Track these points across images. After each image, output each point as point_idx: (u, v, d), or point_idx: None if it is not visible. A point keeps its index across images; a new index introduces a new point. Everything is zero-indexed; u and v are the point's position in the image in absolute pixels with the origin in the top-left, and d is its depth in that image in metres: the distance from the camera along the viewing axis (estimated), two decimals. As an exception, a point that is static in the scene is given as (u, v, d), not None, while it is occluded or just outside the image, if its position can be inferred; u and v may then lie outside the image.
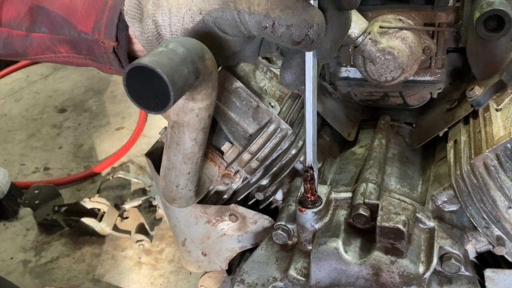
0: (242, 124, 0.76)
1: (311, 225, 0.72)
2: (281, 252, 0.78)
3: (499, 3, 0.70)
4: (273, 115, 0.75)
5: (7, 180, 1.95)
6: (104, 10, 0.63)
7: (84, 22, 0.64)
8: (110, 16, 0.63)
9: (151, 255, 1.84)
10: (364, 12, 0.80)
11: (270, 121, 0.76)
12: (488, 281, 0.70)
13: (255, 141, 0.76)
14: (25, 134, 2.54)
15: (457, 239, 0.70)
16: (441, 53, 0.83)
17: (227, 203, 0.84)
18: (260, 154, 0.76)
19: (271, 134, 0.76)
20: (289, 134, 0.77)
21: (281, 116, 0.77)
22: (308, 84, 0.62)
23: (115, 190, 2.12)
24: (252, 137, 0.76)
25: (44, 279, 1.78)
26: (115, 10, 0.63)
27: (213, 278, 0.98)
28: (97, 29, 0.64)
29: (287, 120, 0.77)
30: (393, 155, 0.86)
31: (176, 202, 0.71)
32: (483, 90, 0.74)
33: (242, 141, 0.77)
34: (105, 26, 0.64)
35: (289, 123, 0.77)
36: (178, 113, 0.61)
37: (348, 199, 0.75)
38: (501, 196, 0.67)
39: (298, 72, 0.63)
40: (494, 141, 0.66)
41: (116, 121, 2.60)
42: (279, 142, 0.76)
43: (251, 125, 0.76)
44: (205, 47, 0.57)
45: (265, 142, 0.76)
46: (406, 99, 0.93)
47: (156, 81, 0.48)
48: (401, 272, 0.67)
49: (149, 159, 0.80)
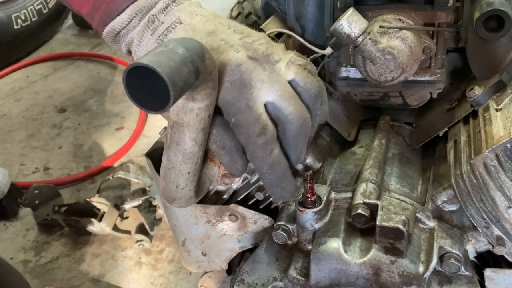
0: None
1: (311, 225, 0.72)
2: (281, 252, 0.78)
3: (499, 3, 0.70)
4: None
5: (7, 180, 1.95)
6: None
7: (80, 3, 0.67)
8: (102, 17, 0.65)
9: (151, 255, 1.84)
10: (364, 12, 0.80)
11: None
12: (488, 281, 0.70)
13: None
14: (25, 134, 2.54)
15: (457, 239, 0.70)
16: (441, 53, 0.83)
17: (227, 203, 0.84)
18: (260, 154, 0.76)
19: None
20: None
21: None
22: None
23: (115, 190, 2.12)
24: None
25: (44, 279, 1.78)
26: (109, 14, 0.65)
27: (213, 278, 0.98)
28: (90, 18, 0.66)
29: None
30: (393, 155, 0.86)
31: (176, 202, 0.71)
32: (483, 90, 0.74)
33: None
34: (98, 21, 0.66)
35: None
36: (178, 113, 0.61)
37: (348, 199, 0.75)
38: (501, 196, 0.67)
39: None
40: (494, 141, 0.66)
41: (116, 121, 2.60)
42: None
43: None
44: (205, 47, 0.57)
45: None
46: (406, 99, 0.93)
47: (156, 81, 0.48)
48: (401, 272, 0.67)
49: (149, 159, 0.80)
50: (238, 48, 0.64)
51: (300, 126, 0.67)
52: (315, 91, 0.69)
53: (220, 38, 0.65)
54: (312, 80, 0.69)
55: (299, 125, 0.66)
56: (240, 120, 0.64)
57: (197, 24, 0.66)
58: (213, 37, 0.65)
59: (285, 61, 0.67)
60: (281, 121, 0.66)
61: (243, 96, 0.63)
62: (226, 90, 0.63)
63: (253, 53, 0.64)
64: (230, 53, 0.63)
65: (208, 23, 0.66)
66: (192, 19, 0.66)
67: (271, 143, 0.65)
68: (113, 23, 0.66)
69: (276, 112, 0.65)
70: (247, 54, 0.64)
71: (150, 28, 0.66)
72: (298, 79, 0.67)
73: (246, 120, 0.63)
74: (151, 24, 0.66)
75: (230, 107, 0.64)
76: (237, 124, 0.64)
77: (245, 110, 0.63)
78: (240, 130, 0.65)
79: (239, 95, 0.63)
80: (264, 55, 0.65)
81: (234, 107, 0.63)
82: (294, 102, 0.66)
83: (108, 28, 0.66)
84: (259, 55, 0.65)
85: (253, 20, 1.32)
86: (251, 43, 0.66)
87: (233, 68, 0.63)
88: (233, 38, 0.65)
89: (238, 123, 0.64)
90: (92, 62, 3.14)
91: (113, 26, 0.66)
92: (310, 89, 0.68)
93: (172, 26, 0.66)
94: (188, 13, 0.67)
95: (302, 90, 0.68)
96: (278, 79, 0.65)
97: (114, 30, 0.67)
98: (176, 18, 0.66)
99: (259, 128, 0.64)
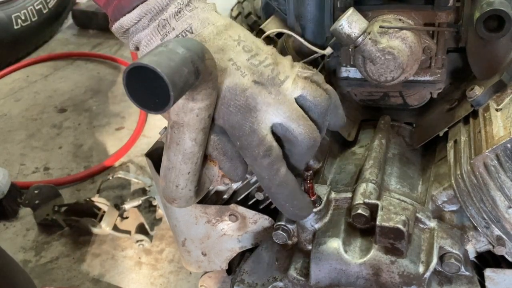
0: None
1: (311, 225, 0.73)
2: (281, 252, 0.78)
3: (499, 3, 0.70)
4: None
5: (7, 180, 1.95)
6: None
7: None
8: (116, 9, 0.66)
9: (151, 255, 1.84)
10: (364, 12, 0.80)
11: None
12: (488, 281, 0.70)
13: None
14: (25, 134, 2.54)
15: (457, 239, 0.70)
16: (441, 53, 0.83)
17: (227, 203, 0.84)
18: (260, 154, 0.76)
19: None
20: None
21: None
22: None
23: (115, 190, 2.12)
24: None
25: (44, 279, 1.78)
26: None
27: (213, 278, 0.98)
28: (106, 11, 0.68)
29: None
30: (393, 155, 0.86)
31: (176, 202, 0.71)
32: (483, 90, 0.74)
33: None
34: (111, 16, 0.66)
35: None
36: (178, 113, 0.61)
37: (348, 199, 0.75)
38: (501, 196, 0.67)
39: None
40: (494, 141, 0.66)
41: (116, 121, 2.60)
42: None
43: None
44: (205, 47, 0.57)
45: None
46: (406, 99, 0.93)
47: (156, 81, 0.48)
48: (401, 272, 0.67)
49: (149, 159, 0.80)
50: (244, 72, 0.65)
51: (310, 146, 0.68)
52: (324, 105, 0.69)
53: (228, 58, 0.65)
54: (320, 93, 0.69)
55: (309, 145, 0.67)
56: (244, 143, 0.65)
57: (208, 37, 0.66)
58: (221, 56, 0.65)
59: (292, 78, 0.67)
60: (290, 141, 0.67)
61: (247, 120, 0.64)
62: (231, 114, 0.64)
63: (258, 77, 0.65)
64: (236, 77, 0.64)
65: (218, 37, 0.66)
66: (203, 29, 0.66)
67: (276, 163, 0.66)
68: (122, 20, 0.66)
69: (284, 132, 0.66)
70: (253, 79, 0.65)
71: (160, 33, 0.66)
72: (306, 93, 0.67)
73: (250, 143, 0.65)
74: (162, 29, 0.66)
75: (235, 131, 0.65)
76: (241, 147, 0.66)
77: (250, 133, 0.64)
78: (245, 152, 0.66)
79: (244, 119, 0.64)
80: (269, 78, 0.66)
81: (238, 130, 0.65)
82: (303, 122, 0.66)
83: (117, 24, 0.66)
84: (264, 79, 0.66)
85: (253, 20, 1.32)
86: (258, 66, 0.66)
87: (238, 93, 0.64)
88: (240, 59, 0.66)
89: (242, 145, 0.65)
90: (92, 62, 3.14)
91: (122, 23, 0.66)
92: (319, 103, 0.68)
93: (182, 33, 0.66)
94: (200, 22, 0.66)
95: (311, 104, 0.68)
96: (284, 100, 0.66)
97: (123, 27, 0.66)
98: (187, 26, 0.66)
99: (264, 150, 0.64)
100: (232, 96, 0.64)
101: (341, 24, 0.72)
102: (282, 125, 0.65)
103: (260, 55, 0.67)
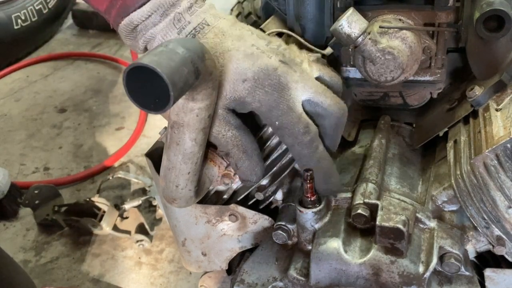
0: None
1: (311, 225, 0.73)
2: (281, 252, 0.78)
3: (499, 3, 0.70)
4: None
5: (7, 180, 1.95)
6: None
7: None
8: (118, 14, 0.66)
9: (151, 255, 1.84)
10: (364, 12, 0.80)
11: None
12: (488, 281, 0.70)
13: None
14: (25, 134, 2.54)
15: (457, 239, 0.70)
16: (441, 53, 0.83)
17: (227, 203, 0.84)
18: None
19: (271, 134, 0.76)
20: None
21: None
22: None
23: (115, 190, 2.12)
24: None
25: (44, 279, 1.78)
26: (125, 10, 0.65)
27: (213, 278, 0.98)
28: (108, 15, 0.68)
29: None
30: (393, 155, 0.86)
31: (176, 202, 0.71)
32: (483, 90, 0.74)
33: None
34: (115, 16, 0.66)
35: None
36: (178, 113, 0.61)
37: (348, 199, 0.75)
38: (501, 196, 0.67)
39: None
40: (494, 141, 0.66)
41: (116, 121, 2.60)
42: (279, 142, 0.76)
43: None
44: (205, 47, 0.57)
45: (265, 142, 0.76)
46: (406, 99, 0.93)
47: (156, 81, 0.48)
48: (401, 272, 0.67)
49: (149, 159, 0.80)
50: (269, 54, 0.67)
51: (341, 116, 0.71)
52: (340, 84, 0.75)
53: (250, 44, 0.68)
54: (335, 74, 0.75)
55: (340, 115, 0.71)
56: (284, 121, 0.67)
57: (225, 27, 0.68)
58: (243, 42, 0.67)
59: (306, 60, 0.72)
60: (321, 115, 0.70)
61: (283, 98, 0.66)
62: (267, 94, 0.66)
63: (282, 57, 0.68)
64: (265, 59, 0.67)
65: (234, 27, 0.69)
66: (217, 21, 0.68)
67: (315, 140, 0.69)
68: (132, 16, 0.65)
69: (314, 107, 0.69)
70: (279, 58, 0.68)
71: (176, 27, 0.66)
72: (323, 74, 0.72)
73: (290, 121, 0.66)
74: (177, 23, 0.66)
75: (273, 111, 0.66)
76: (281, 126, 0.67)
77: (288, 111, 0.66)
78: (285, 132, 0.68)
79: (280, 97, 0.66)
80: (290, 58, 0.69)
81: (276, 110, 0.66)
82: (329, 94, 0.70)
83: (126, 21, 0.66)
84: (287, 59, 0.69)
85: (253, 20, 1.32)
86: (277, 48, 0.69)
87: (271, 73, 0.66)
88: (260, 44, 0.69)
89: (282, 125, 0.67)
90: (92, 62, 3.14)
91: (132, 19, 0.66)
92: (336, 82, 0.74)
93: (200, 26, 0.67)
94: (213, 16, 0.69)
95: (329, 83, 0.73)
96: (308, 77, 0.69)
97: (132, 23, 0.66)
98: (202, 20, 0.67)
99: (303, 126, 0.67)
100: (266, 76, 0.66)
101: (341, 24, 0.72)
102: (311, 100, 0.68)
103: (273, 42, 0.71)
